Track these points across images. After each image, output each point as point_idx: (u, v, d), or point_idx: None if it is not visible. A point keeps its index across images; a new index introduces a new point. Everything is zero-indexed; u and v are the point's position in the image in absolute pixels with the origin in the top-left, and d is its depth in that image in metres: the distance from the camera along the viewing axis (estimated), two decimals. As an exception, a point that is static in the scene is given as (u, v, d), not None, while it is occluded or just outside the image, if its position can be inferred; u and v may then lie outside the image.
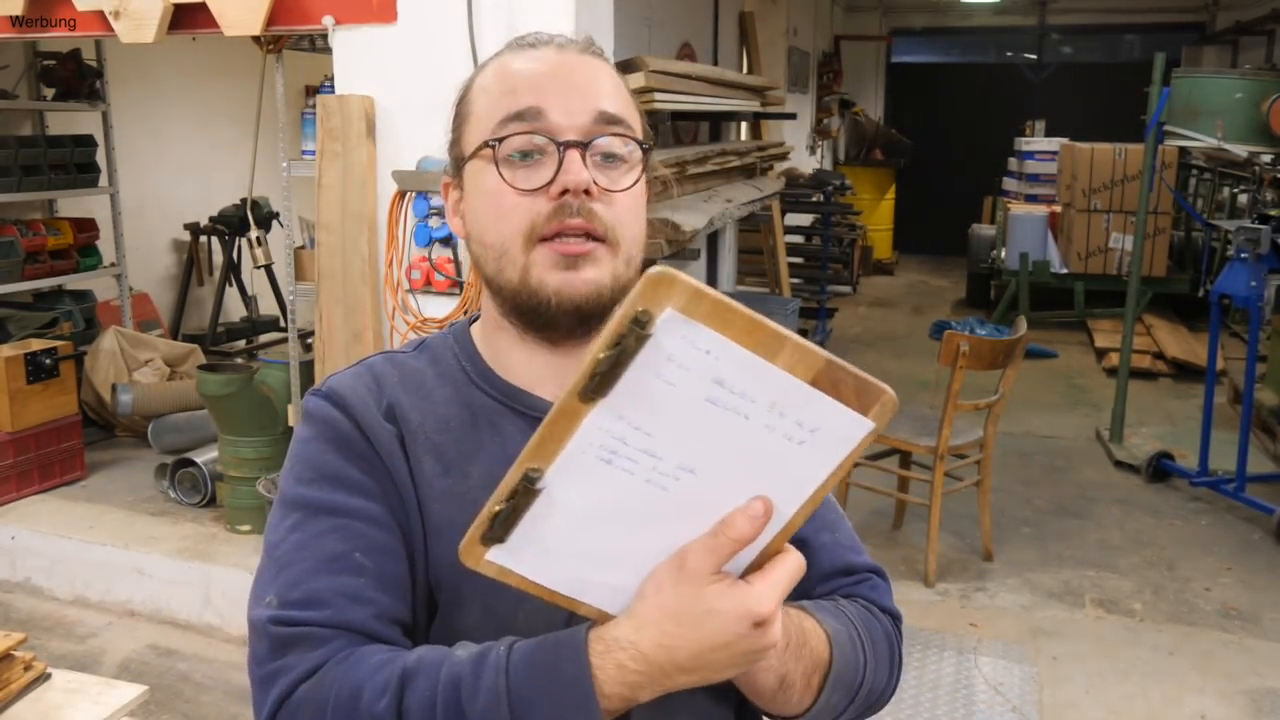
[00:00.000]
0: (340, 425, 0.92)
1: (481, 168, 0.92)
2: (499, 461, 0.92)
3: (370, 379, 0.97)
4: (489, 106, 0.92)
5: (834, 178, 8.04)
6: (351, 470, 0.91)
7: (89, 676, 2.06)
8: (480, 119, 0.93)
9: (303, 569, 0.86)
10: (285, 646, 0.83)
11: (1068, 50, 12.18)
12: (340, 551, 0.87)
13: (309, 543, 0.87)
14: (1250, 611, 3.64)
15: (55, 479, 4.31)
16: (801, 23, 9.24)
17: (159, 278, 6.30)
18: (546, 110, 0.89)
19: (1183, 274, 7.87)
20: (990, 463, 3.94)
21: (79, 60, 5.13)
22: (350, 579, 0.86)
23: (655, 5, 5.51)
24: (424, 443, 0.93)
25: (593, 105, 0.90)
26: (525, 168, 0.90)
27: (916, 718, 3.00)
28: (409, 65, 3.05)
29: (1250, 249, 4.25)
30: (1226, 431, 5.02)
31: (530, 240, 0.90)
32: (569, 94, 0.90)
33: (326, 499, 0.89)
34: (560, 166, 0.88)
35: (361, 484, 0.90)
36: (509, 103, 0.90)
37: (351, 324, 3.16)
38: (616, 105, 0.93)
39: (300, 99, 4.76)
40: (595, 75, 0.93)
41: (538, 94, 0.90)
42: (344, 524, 0.88)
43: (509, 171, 0.90)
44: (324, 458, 0.91)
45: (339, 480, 0.90)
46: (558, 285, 0.89)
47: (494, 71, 0.95)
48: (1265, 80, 5.07)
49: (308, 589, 0.85)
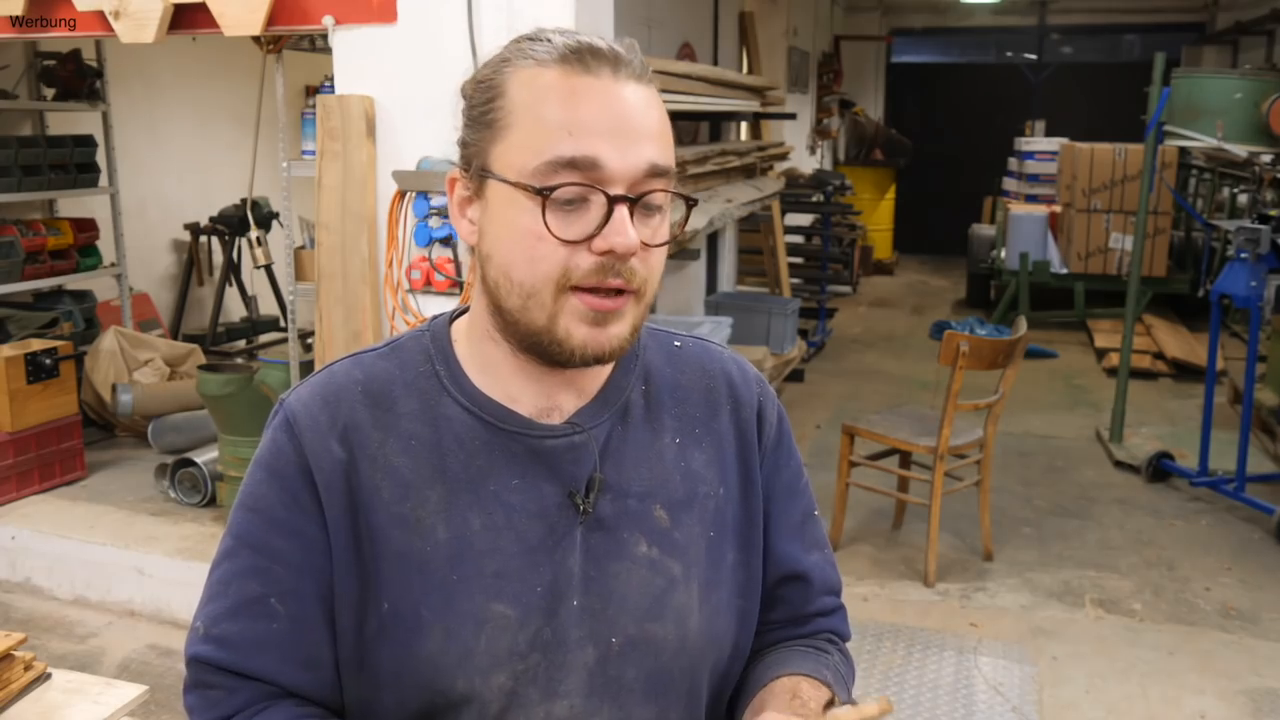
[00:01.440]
0: (284, 455, 0.93)
1: (518, 201, 0.86)
2: (460, 484, 0.92)
3: (331, 395, 0.95)
4: (538, 136, 0.86)
5: (834, 178, 8.05)
6: (277, 507, 0.93)
7: (89, 676, 2.06)
8: (523, 145, 0.86)
9: (223, 606, 0.93)
10: (196, 685, 0.93)
11: (1068, 50, 12.18)
12: (257, 595, 0.92)
13: (233, 578, 0.93)
14: (1250, 611, 3.64)
15: (55, 479, 4.31)
16: (801, 23, 9.24)
17: (159, 278, 6.30)
18: (602, 161, 0.84)
19: (1183, 274, 7.87)
20: (990, 463, 3.94)
21: (79, 60, 5.13)
22: (263, 625, 0.91)
23: (655, 5, 5.52)
24: (382, 466, 0.92)
25: (645, 156, 0.86)
26: (567, 213, 0.85)
27: (916, 718, 3.00)
28: (409, 65, 3.04)
29: (1250, 249, 4.25)
30: (1226, 431, 5.02)
31: (562, 288, 0.87)
32: (625, 143, 0.85)
33: (256, 535, 0.93)
34: (607, 221, 0.85)
35: (283, 522, 0.92)
36: (564, 145, 0.84)
37: (351, 324, 3.16)
38: (664, 152, 0.88)
39: (300, 99, 4.76)
40: (647, 114, 0.88)
41: (595, 142, 0.84)
42: (265, 566, 0.92)
43: (552, 217, 0.85)
44: (262, 489, 0.94)
45: (269, 518, 0.93)
46: (584, 339, 0.88)
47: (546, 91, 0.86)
48: (1265, 80, 5.07)
49: (223, 630, 0.92)
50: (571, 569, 0.92)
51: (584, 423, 0.95)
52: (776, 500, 1.06)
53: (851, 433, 3.98)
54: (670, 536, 0.96)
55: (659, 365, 1.02)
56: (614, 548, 0.94)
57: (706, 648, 0.98)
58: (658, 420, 0.99)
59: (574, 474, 0.94)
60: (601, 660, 0.93)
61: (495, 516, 0.92)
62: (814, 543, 1.08)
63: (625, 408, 0.98)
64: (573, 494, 0.93)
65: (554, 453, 0.94)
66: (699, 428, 1.01)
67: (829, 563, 1.10)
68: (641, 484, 0.96)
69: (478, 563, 0.91)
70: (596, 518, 0.94)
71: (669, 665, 0.95)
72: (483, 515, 0.92)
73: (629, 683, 0.93)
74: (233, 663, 0.91)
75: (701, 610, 0.97)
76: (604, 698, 0.93)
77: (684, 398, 1.02)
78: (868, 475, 4.10)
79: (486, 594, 0.90)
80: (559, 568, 0.92)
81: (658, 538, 0.96)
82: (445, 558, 0.91)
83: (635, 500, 0.95)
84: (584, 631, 0.92)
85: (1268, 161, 5.37)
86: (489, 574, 0.91)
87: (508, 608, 0.91)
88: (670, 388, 1.02)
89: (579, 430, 0.95)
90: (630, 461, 0.96)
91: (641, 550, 0.95)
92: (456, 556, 0.91)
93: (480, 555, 0.91)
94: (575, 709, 0.92)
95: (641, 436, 0.98)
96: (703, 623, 0.97)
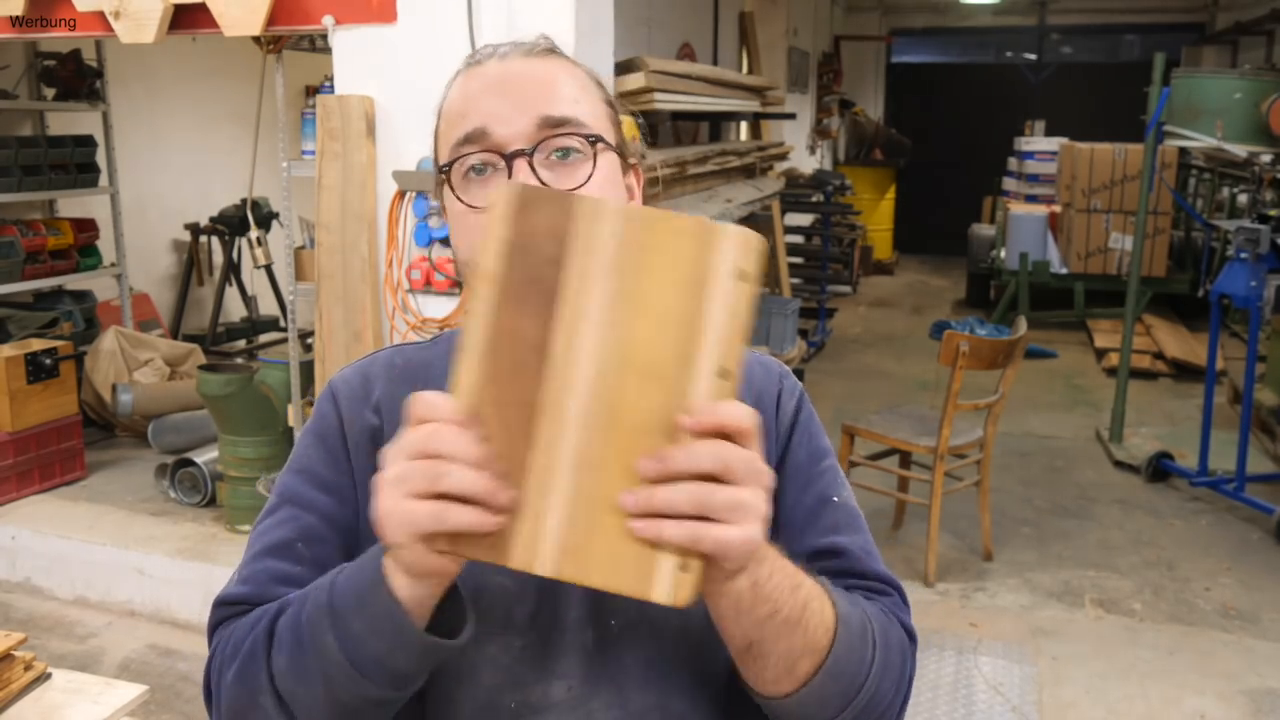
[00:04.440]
0: (327, 418, 1.01)
1: (446, 192, 0.96)
2: None
3: (370, 371, 1.03)
4: (446, 133, 0.97)
5: (834, 178, 8.05)
6: (318, 465, 0.99)
7: (89, 676, 2.06)
8: (442, 144, 0.98)
9: (254, 552, 0.96)
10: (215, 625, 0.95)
11: (1068, 50, 12.19)
12: (287, 539, 0.96)
13: (269, 530, 0.97)
14: (1250, 611, 3.64)
15: (55, 479, 4.31)
16: (801, 23, 9.24)
17: (159, 278, 6.30)
18: (489, 128, 0.92)
19: (1183, 274, 7.87)
20: (990, 463, 3.94)
21: (79, 60, 5.13)
22: (285, 564, 0.95)
23: (655, 5, 5.52)
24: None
25: (534, 111, 0.92)
26: (479, 184, 0.93)
27: (916, 718, 3.00)
28: (409, 65, 3.04)
29: (1250, 249, 4.25)
30: (1226, 431, 5.02)
31: None
32: (508, 106, 0.93)
33: (295, 490, 0.98)
34: (510, 179, 0.91)
35: (323, 478, 0.98)
36: (459, 127, 0.94)
37: (351, 324, 3.16)
38: (562, 106, 0.94)
39: (300, 99, 4.76)
40: (538, 79, 0.95)
41: (480, 114, 0.93)
42: (298, 515, 0.97)
43: (465, 191, 0.94)
44: (305, 450, 1.01)
45: (307, 472, 0.99)
46: None
47: (451, 95, 0.98)
48: (1265, 80, 5.07)
49: (249, 570, 0.96)
50: None
51: None
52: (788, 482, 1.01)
53: (851, 432, 3.98)
54: None
55: None
56: None
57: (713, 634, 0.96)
58: None
59: None
60: (600, 642, 0.93)
61: None
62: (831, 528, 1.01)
63: None
64: None
65: None
66: None
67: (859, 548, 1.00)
68: None
69: None
70: None
71: (670, 651, 0.94)
72: None
73: (628, 666, 0.93)
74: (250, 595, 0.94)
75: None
76: (602, 680, 0.93)
77: None
78: (868, 475, 4.10)
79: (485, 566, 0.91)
80: None
81: None
82: None
83: None
84: (583, 612, 0.93)
85: (1268, 161, 5.37)
86: None
87: (507, 579, 0.92)
88: None
89: None
90: None
91: None
92: None
93: None
94: (573, 691, 0.92)
95: None
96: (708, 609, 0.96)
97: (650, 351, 0.67)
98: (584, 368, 0.67)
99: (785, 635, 0.82)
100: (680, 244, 0.67)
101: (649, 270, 0.67)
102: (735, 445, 0.68)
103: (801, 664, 0.84)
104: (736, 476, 0.68)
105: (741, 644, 0.83)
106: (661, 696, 0.94)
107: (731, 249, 0.66)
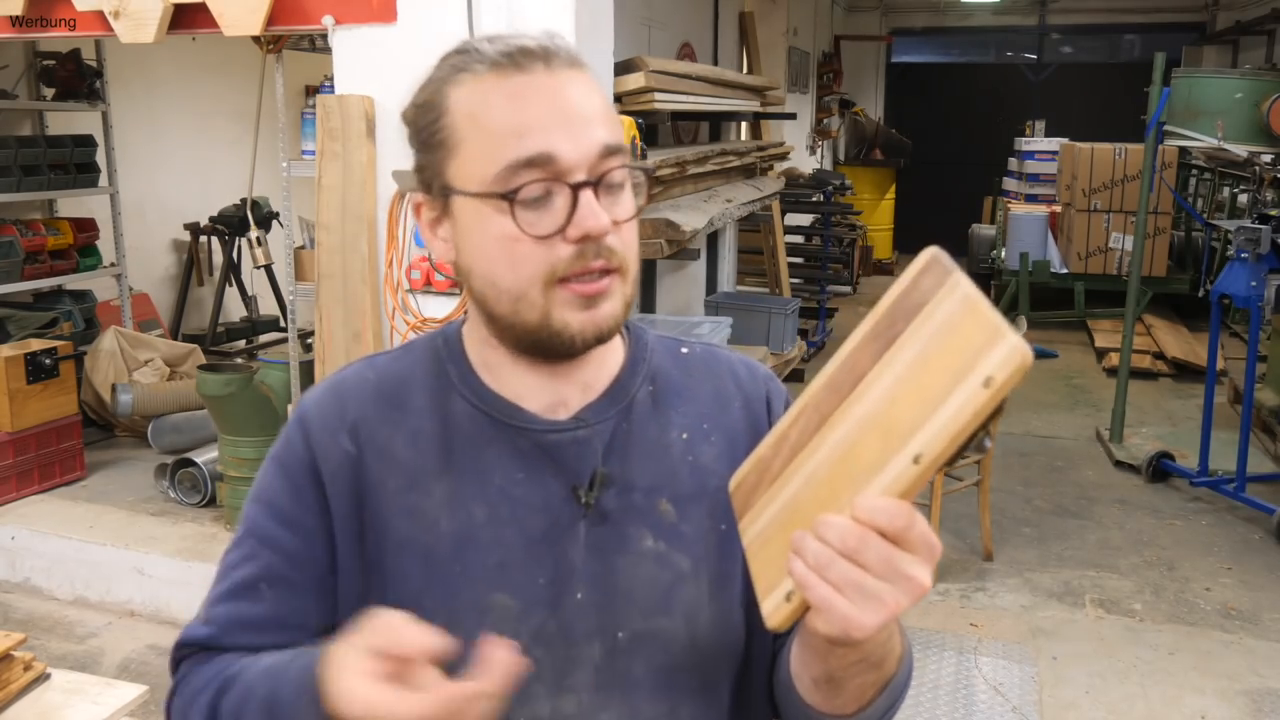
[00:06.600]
0: (293, 450, 0.97)
1: (485, 211, 0.88)
2: (466, 477, 0.94)
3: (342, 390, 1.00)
4: (489, 146, 0.87)
5: (834, 178, 8.04)
6: (281, 497, 0.97)
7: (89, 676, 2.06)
8: (476, 157, 0.88)
9: (218, 592, 0.98)
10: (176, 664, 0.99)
11: (1068, 50, 12.18)
12: (250, 579, 0.96)
13: (235, 565, 0.98)
14: (1250, 611, 3.63)
15: (55, 479, 4.31)
16: (801, 23, 9.24)
17: (159, 278, 6.30)
18: (557, 154, 0.85)
19: (1183, 274, 7.87)
20: (990, 463, 3.94)
21: (79, 60, 5.13)
22: (247, 606, 0.95)
23: (655, 5, 5.52)
24: (389, 459, 0.95)
25: (596, 138, 0.87)
26: (536, 211, 0.86)
27: (916, 718, 3.00)
28: (409, 65, 3.01)
29: (1250, 249, 4.24)
30: (1226, 431, 5.01)
31: (550, 284, 0.88)
32: (573, 130, 0.87)
33: (258, 523, 0.97)
34: (574, 209, 0.86)
35: (284, 513, 0.96)
36: (516, 147, 0.86)
37: (351, 324, 3.16)
38: (612, 131, 0.90)
39: (300, 99, 4.75)
40: (589, 98, 0.89)
41: (545, 136, 0.86)
42: (263, 553, 0.96)
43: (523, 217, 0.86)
44: (269, 479, 0.98)
45: (271, 505, 0.97)
46: (581, 324, 0.89)
47: (486, 100, 0.88)
48: (1265, 80, 5.08)
49: (212, 612, 0.97)
50: (573, 562, 0.93)
51: (589, 418, 0.96)
52: None
53: (851, 433, 3.97)
54: (678, 530, 0.96)
55: (666, 368, 1.03)
56: (618, 542, 0.94)
57: (720, 643, 0.97)
58: (664, 416, 1.00)
59: (578, 468, 0.94)
60: (608, 654, 0.93)
61: (499, 509, 0.93)
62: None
63: (631, 404, 0.98)
64: (576, 488, 0.94)
65: (558, 447, 0.94)
66: (708, 423, 1.01)
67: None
68: (647, 478, 0.96)
69: (480, 554, 0.92)
70: (600, 512, 0.94)
71: (679, 660, 0.95)
72: (487, 508, 0.93)
73: (637, 677, 0.93)
74: (212, 639, 0.96)
75: (713, 605, 0.96)
76: (611, 692, 0.93)
77: (692, 396, 1.02)
78: (868, 475, 4.10)
79: (489, 584, 0.92)
80: (560, 560, 0.93)
81: (664, 532, 0.95)
82: (448, 549, 0.92)
83: (641, 495, 0.96)
84: (590, 625, 0.93)
85: (1268, 161, 5.37)
86: (491, 565, 0.92)
87: (509, 598, 0.91)
88: (677, 388, 1.02)
89: (583, 425, 0.95)
90: (636, 456, 0.97)
91: (647, 544, 0.95)
92: (459, 548, 0.92)
93: (483, 547, 0.92)
94: (583, 704, 0.92)
95: (648, 432, 0.98)
96: (715, 617, 0.96)
97: (897, 411, 0.72)
98: (864, 405, 0.75)
99: (865, 673, 0.85)
100: (975, 335, 0.69)
101: (945, 348, 0.71)
102: (886, 545, 0.70)
103: (870, 692, 0.87)
104: (879, 573, 0.70)
105: (820, 675, 0.86)
106: (671, 707, 0.95)
107: (998, 356, 0.67)
